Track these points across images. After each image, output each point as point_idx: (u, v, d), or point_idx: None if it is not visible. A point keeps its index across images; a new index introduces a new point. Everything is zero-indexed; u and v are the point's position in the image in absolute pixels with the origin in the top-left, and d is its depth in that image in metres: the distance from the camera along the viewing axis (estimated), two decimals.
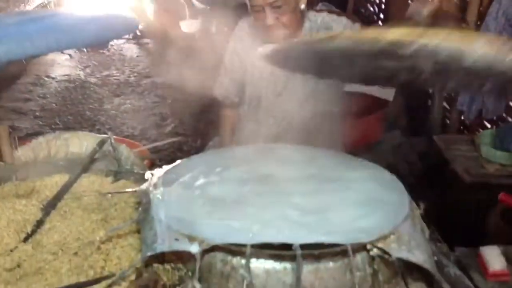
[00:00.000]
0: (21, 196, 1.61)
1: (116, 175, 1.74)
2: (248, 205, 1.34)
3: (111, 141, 1.84)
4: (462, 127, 3.84)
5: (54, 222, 1.46)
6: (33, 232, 1.42)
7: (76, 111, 5.88)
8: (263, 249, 1.14)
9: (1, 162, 1.79)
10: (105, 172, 1.77)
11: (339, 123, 2.22)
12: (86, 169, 1.77)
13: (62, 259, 1.30)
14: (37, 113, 5.83)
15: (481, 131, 3.35)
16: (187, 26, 6.27)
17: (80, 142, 1.92)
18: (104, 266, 1.27)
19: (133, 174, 1.75)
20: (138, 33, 8.34)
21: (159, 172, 1.55)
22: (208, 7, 5.81)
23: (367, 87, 3.69)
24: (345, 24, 1.98)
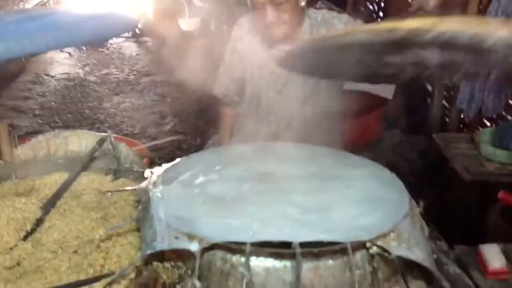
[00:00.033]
0: (20, 194, 1.61)
1: (116, 174, 1.74)
2: (248, 203, 1.34)
3: (110, 139, 1.84)
4: (461, 126, 3.84)
5: (53, 220, 1.46)
6: (33, 231, 1.42)
7: (76, 110, 5.88)
8: (263, 247, 1.14)
9: (0, 161, 1.79)
10: (105, 170, 1.77)
11: (339, 121, 2.22)
12: (85, 168, 1.77)
13: (62, 257, 1.30)
14: (37, 112, 5.83)
15: (481, 129, 3.34)
16: (186, 24, 6.27)
17: (80, 141, 1.92)
18: (103, 265, 1.27)
19: (132, 173, 1.75)
20: (138, 31, 8.35)
21: (158, 171, 1.55)
22: (207, 5, 5.81)
23: (367, 86, 3.70)
24: (346, 21, 1.98)
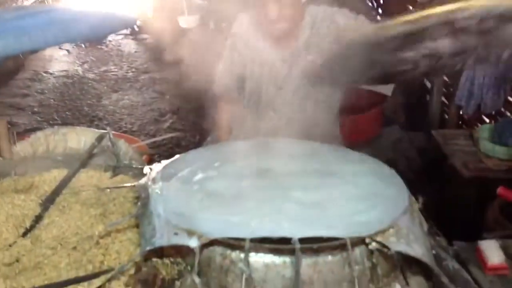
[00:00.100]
0: (20, 191, 1.61)
1: (115, 170, 1.74)
2: (247, 200, 1.34)
3: (109, 136, 1.84)
4: (460, 122, 3.84)
5: (53, 217, 1.46)
6: (32, 227, 1.42)
7: (74, 107, 5.88)
8: (262, 243, 1.14)
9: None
10: (104, 167, 1.77)
11: (339, 117, 2.22)
12: (84, 164, 1.77)
13: (61, 253, 1.30)
14: (35, 109, 5.83)
15: (480, 125, 3.35)
16: (185, 21, 6.26)
17: (78, 137, 1.92)
18: (103, 261, 1.27)
19: (131, 169, 1.75)
20: (137, 28, 8.34)
21: (157, 167, 1.55)
22: (206, 2, 5.80)
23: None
24: (348, 16, 1.97)
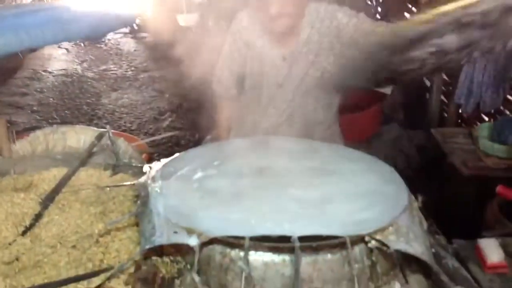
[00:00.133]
0: (19, 189, 1.61)
1: (114, 169, 1.74)
2: (247, 198, 1.34)
3: (109, 134, 1.84)
4: (459, 120, 3.84)
5: (52, 215, 1.46)
6: (32, 226, 1.42)
7: (74, 106, 5.88)
8: (262, 242, 1.14)
9: None
10: (103, 165, 1.77)
11: (339, 115, 2.22)
12: (84, 163, 1.77)
13: (61, 252, 1.30)
14: (34, 108, 5.82)
15: (479, 124, 3.35)
16: (184, 20, 6.25)
17: (78, 136, 1.92)
18: (102, 259, 1.27)
19: (131, 168, 1.75)
20: (136, 27, 8.34)
21: (157, 166, 1.55)
22: (205, 0, 5.80)
23: None
24: (350, 14, 1.97)
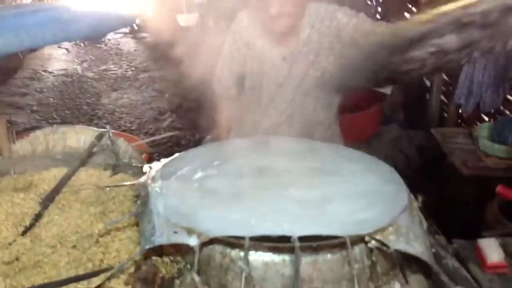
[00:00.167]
0: (19, 189, 1.61)
1: (114, 169, 1.74)
2: (247, 198, 1.34)
3: (109, 134, 1.84)
4: (459, 120, 3.84)
5: (52, 215, 1.46)
6: (32, 226, 1.42)
7: (74, 106, 5.88)
8: (262, 242, 1.14)
9: None
10: (103, 165, 1.77)
11: (339, 115, 2.22)
12: (84, 163, 1.76)
13: (61, 252, 1.30)
14: (34, 108, 5.82)
15: (479, 124, 3.35)
16: (184, 20, 6.25)
17: (78, 136, 1.92)
18: (102, 259, 1.27)
19: (131, 168, 1.75)
20: (136, 27, 8.33)
21: (157, 166, 1.55)
22: (205, 0, 5.80)
23: None
24: (350, 14, 1.97)
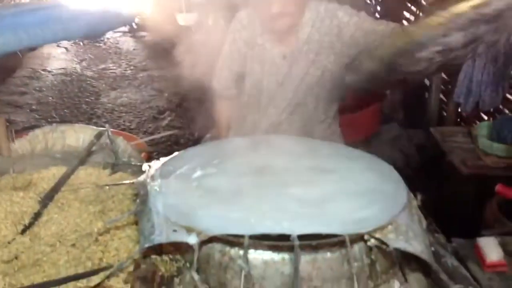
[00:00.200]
0: (18, 188, 1.61)
1: (114, 167, 1.74)
2: (246, 196, 1.34)
3: (108, 133, 1.83)
4: (459, 119, 3.85)
5: (51, 214, 1.46)
6: (31, 224, 1.42)
7: (73, 105, 5.87)
8: (261, 240, 1.14)
9: None
10: (103, 164, 1.77)
11: (338, 114, 2.22)
12: (83, 162, 1.76)
13: (60, 251, 1.30)
14: (33, 107, 5.82)
15: (478, 123, 3.35)
16: (183, 19, 6.25)
17: (77, 135, 1.92)
18: (102, 258, 1.27)
19: (130, 166, 1.75)
20: (135, 26, 8.33)
21: (156, 164, 1.55)
22: None
23: None
24: (350, 13, 1.97)
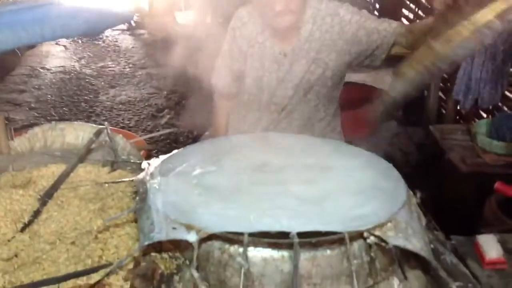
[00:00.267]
0: (18, 186, 1.61)
1: (113, 165, 1.74)
2: (246, 194, 1.34)
3: (107, 131, 1.83)
4: (458, 117, 3.85)
5: (51, 212, 1.46)
6: (30, 222, 1.42)
7: (72, 103, 5.86)
8: (261, 238, 1.14)
9: None
10: (102, 162, 1.76)
11: (338, 111, 2.22)
12: (82, 159, 1.76)
13: (60, 248, 1.30)
14: (32, 105, 5.81)
15: (477, 120, 3.36)
16: (182, 17, 6.25)
17: (76, 133, 1.92)
18: (101, 255, 1.27)
19: (129, 164, 1.75)
20: (134, 24, 8.32)
21: (156, 162, 1.55)
22: None
23: (363, 77, 3.69)
24: (352, 11, 1.96)
